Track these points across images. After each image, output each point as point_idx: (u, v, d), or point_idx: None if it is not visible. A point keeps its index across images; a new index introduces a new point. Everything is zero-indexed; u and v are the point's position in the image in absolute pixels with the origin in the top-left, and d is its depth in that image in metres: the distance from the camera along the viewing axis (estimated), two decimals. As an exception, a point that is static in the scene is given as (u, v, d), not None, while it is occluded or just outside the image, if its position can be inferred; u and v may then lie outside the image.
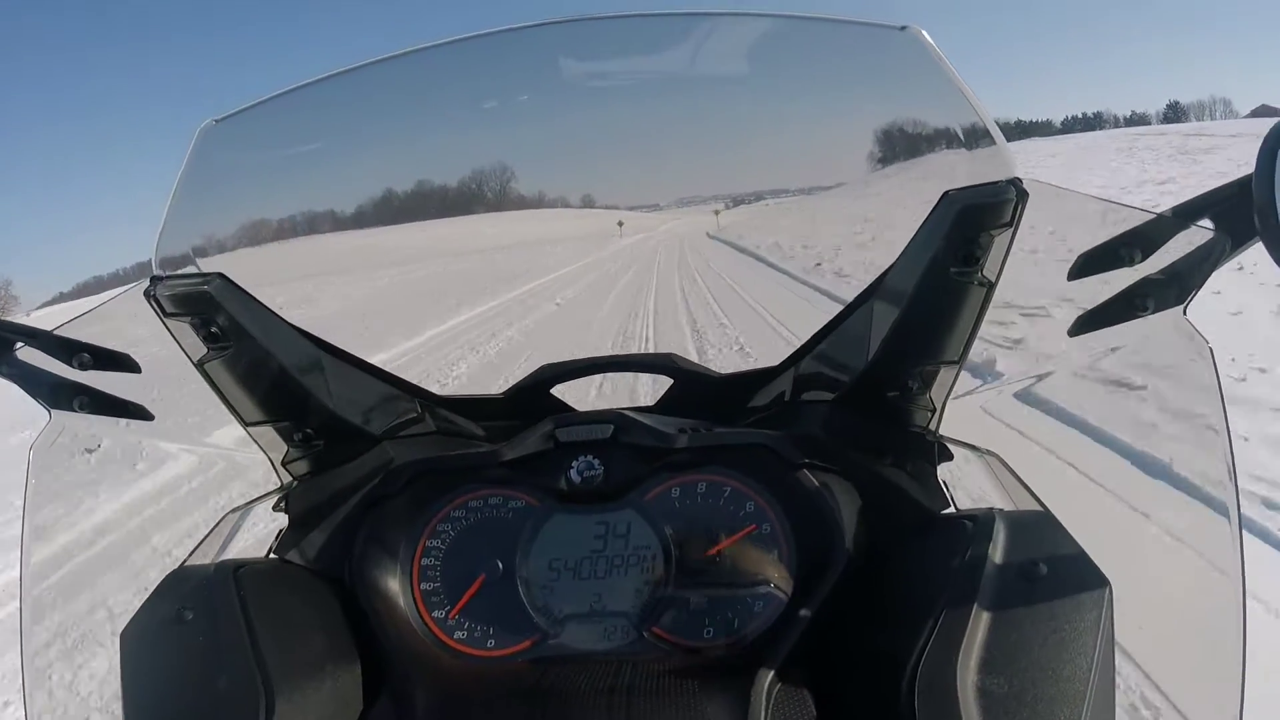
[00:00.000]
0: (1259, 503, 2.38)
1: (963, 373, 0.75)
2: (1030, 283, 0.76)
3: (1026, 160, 0.67)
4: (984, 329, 0.72)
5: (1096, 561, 0.57)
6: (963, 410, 0.78)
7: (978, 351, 0.74)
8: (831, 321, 0.86)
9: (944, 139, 0.74)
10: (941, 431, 0.77)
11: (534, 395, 0.93)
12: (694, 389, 0.92)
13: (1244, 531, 0.71)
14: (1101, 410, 2.91)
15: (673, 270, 9.98)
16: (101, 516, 3.17)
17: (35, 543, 0.79)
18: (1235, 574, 0.61)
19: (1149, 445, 2.54)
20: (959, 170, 0.70)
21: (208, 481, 3.48)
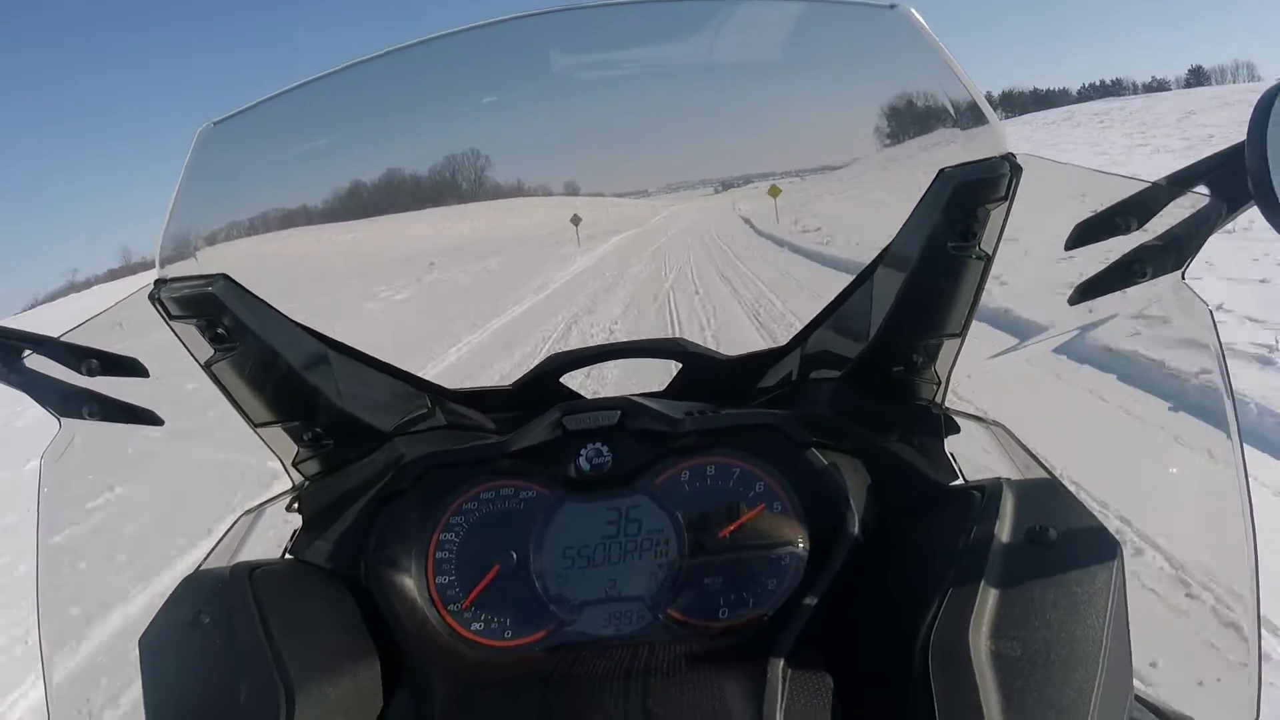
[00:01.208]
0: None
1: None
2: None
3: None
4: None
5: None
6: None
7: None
8: (835, 300, 0.86)
9: (937, 118, 0.75)
10: (949, 404, 0.78)
11: (543, 385, 0.93)
12: (702, 372, 0.93)
13: None
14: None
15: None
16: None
17: (49, 556, 0.79)
18: (1246, 536, 0.61)
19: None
20: (953, 148, 0.71)
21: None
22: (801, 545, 0.70)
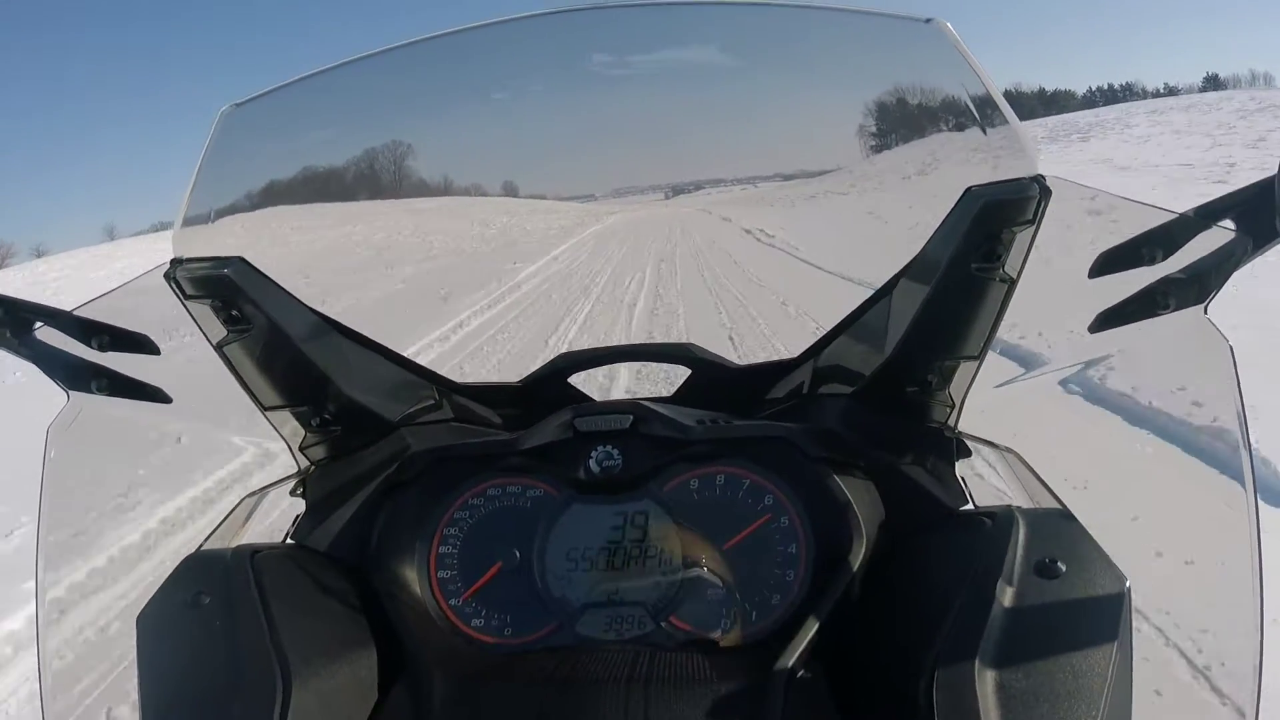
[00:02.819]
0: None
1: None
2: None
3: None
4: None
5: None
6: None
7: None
8: (851, 315, 0.86)
9: (967, 134, 0.74)
10: (961, 427, 0.77)
11: (551, 384, 0.93)
12: (711, 379, 0.92)
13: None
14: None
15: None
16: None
17: (52, 528, 0.79)
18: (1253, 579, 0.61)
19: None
20: (982, 166, 0.70)
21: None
22: (807, 561, 0.69)
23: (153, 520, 2.98)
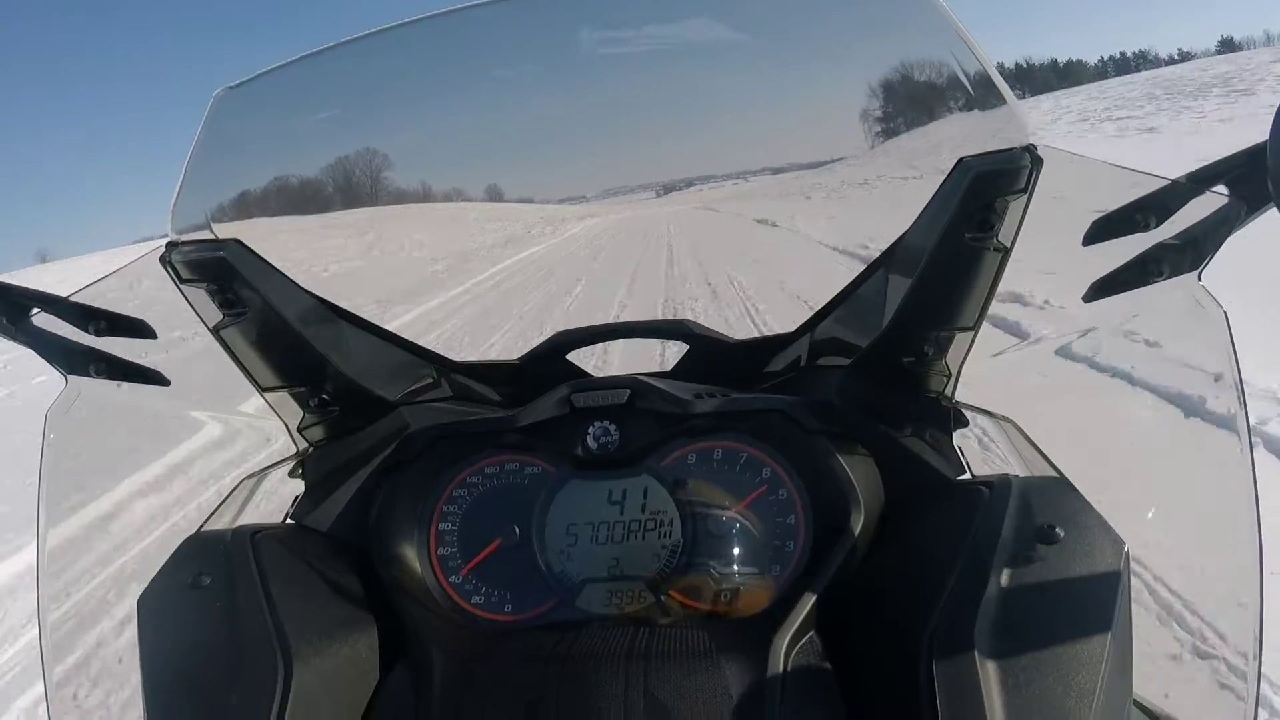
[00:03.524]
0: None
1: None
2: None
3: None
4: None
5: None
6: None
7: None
8: (846, 287, 0.86)
9: (957, 103, 0.74)
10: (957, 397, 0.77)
11: (550, 361, 0.93)
12: (709, 354, 0.92)
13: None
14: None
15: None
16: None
17: (52, 511, 0.79)
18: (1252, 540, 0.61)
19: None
20: (973, 136, 0.70)
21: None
22: (805, 533, 0.70)
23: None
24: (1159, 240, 0.68)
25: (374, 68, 0.88)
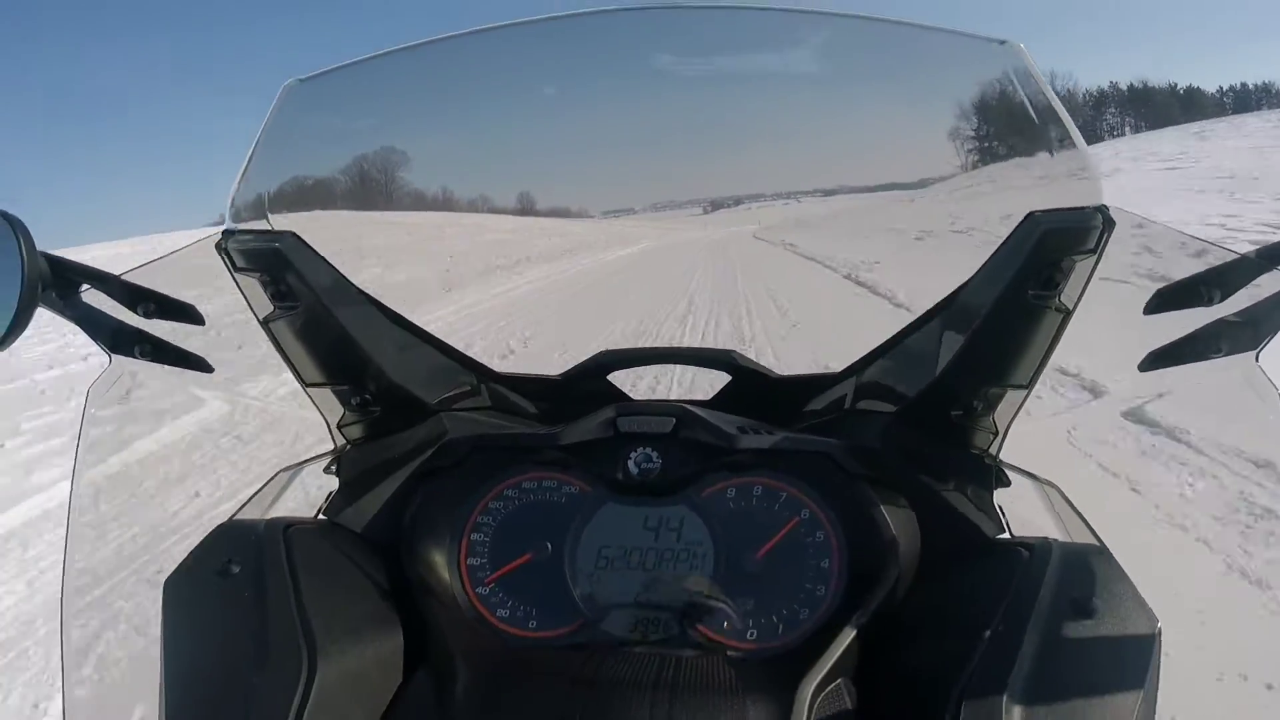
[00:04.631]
0: None
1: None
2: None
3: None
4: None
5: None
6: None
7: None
8: (899, 333, 0.85)
9: (1033, 159, 0.73)
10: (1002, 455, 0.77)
11: (591, 380, 0.93)
12: (751, 387, 0.92)
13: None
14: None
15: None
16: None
17: (86, 486, 0.79)
18: None
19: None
20: (1045, 191, 0.70)
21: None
22: (839, 577, 0.69)
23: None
24: (1220, 315, 0.67)
25: (444, 73, 0.88)
